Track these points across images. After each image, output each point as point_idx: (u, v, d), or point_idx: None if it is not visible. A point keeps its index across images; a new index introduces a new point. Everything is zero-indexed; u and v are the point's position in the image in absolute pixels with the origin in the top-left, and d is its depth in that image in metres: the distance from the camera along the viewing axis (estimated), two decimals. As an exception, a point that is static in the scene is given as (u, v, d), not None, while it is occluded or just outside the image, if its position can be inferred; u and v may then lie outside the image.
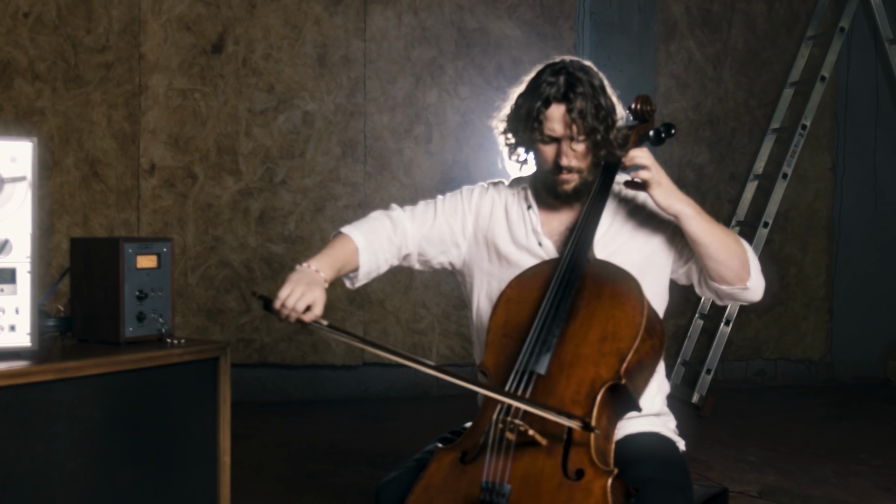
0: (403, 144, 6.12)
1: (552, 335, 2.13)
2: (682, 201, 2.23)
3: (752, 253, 2.28)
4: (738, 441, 5.15)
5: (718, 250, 2.22)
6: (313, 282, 2.19)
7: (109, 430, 2.59)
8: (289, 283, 2.18)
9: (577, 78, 2.26)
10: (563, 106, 2.24)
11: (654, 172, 2.22)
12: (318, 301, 2.17)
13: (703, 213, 2.24)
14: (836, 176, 6.71)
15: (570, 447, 2.03)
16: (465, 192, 2.51)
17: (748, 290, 2.28)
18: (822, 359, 6.80)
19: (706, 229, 2.22)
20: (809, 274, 6.74)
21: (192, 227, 5.87)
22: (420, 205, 2.50)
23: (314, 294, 2.16)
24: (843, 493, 4.26)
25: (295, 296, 2.15)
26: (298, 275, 2.21)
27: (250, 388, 6.00)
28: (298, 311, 2.14)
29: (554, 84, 2.25)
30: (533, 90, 2.30)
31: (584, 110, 2.23)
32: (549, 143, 2.28)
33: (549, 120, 2.25)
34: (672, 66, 6.45)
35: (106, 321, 2.77)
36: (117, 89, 5.71)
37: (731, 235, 2.26)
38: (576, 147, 2.27)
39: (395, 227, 2.40)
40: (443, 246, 2.45)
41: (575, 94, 2.23)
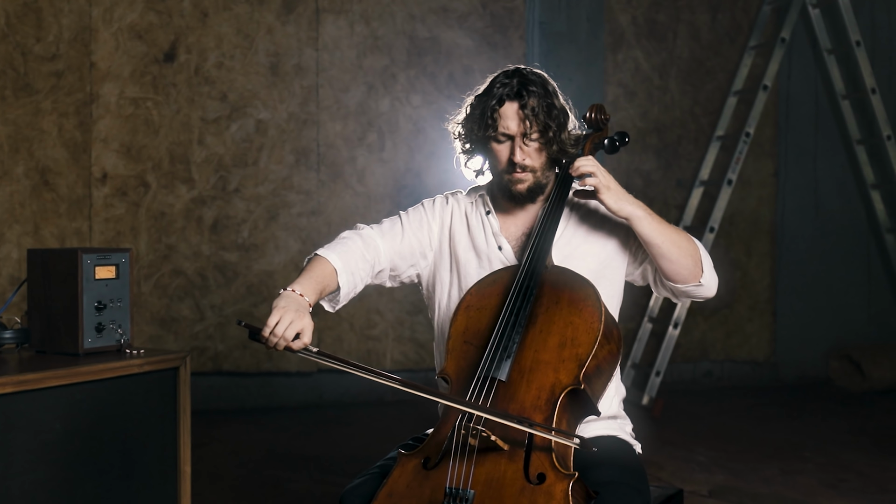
0: (356, 152, 6.16)
1: (512, 341, 2.19)
2: (632, 203, 2.30)
3: (704, 250, 2.35)
4: (687, 442, 5.27)
5: (671, 250, 2.29)
6: (301, 308, 2.18)
7: (69, 442, 2.60)
8: (276, 311, 2.15)
9: (529, 80, 2.34)
10: (515, 103, 2.31)
11: (601, 178, 2.28)
12: (307, 328, 2.15)
13: (653, 215, 2.30)
14: (779, 182, 6.88)
15: (531, 452, 2.09)
16: (427, 204, 2.56)
17: (702, 286, 2.35)
18: (766, 360, 6.95)
19: (657, 230, 2.29)
20: (754, 277, 6.90)
21: (145, 236, 5.86)
22: (385, 222, 2.53)
23: (303, 321, 2.14)
24: (789, 491, 4.38)
25: (283, 324, 2.12)
26: (284, 301, 2.19)
27: (205, 396, 5.99)
28: (287, 339, 2.13)
29: (507, 84, 2.33)
30: (487, 92, 2.37)
31: (537, 108, 2.30)
32: (503, 141, 2.35)
33: (502, 118, 2.33)
34: (619, 75, 6.56)
35: (64, 332, 2.78)
36: (68, 98, 5.68)
37: (682, 234, 2.33)
38: (529, 144, 2.33)
39: (367, 245, 2.43)
40: (413, 259, 2.49)
41: (528, 93, 2.31)
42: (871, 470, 4.73)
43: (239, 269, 5.99)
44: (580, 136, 2.45)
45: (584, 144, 2.46)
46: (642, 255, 2.40)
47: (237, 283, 5.98)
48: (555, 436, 2.08)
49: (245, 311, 5.97)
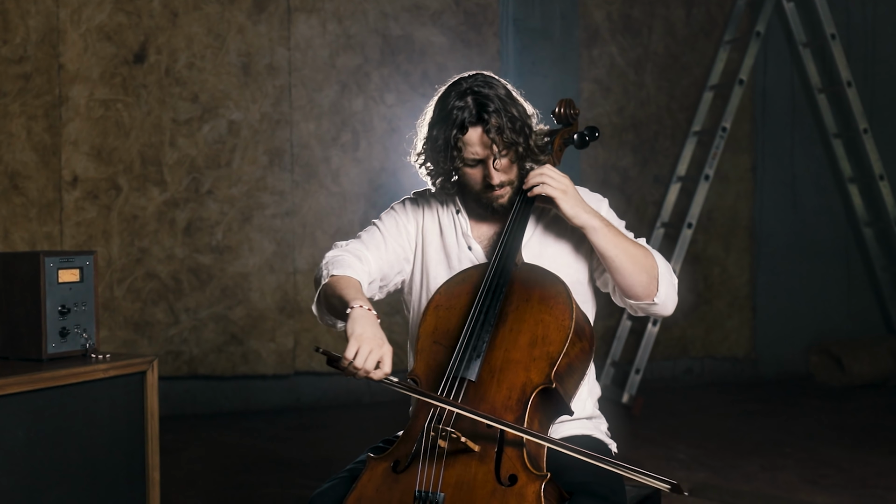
0: (330, 152, 6.10)
1: (482, 341, 2.14)
2: (587, 212, 2.23)
3: (665, 268, 2.28)
4: (667, 439, 5.23)
5: (624, 264, 2.23)
6: (378, 332, 2.10)
7: (32, 450, 2.54)
8: (354, 340, 2.04)
9: (484, 95, 2.23)
10: (479, 128, 2.22)
11: (555, 184, 2.22)
12: (387, 356, 2.05)
13: (610, 227, 2.24)
14: (756, 177, 6.86)
15: (502, 453, 2.04)
16: (398, 207, 2.48)
17: (656, 305, 2.28)
18: (746, 356, 6.94)
19: (612, 242, 2.22)
20: (732, 273, 6.88)
21: (118, 240, 5.78)
22: (363, 234, 2.44)
23: (382, 350, 2.05)
24: (770, 488, 4.35)
25: (363, 354, 2.02)
26: (360, 326, 2.08)
27: (180, 400, 5.92)
28: (369, 370, 2.03)
29: (464, 108, 2.22)
30: (444, 118, 2.25)
31: (501, 126, 2.21)
32: (474, 166, 2.28)
33: (468, 145, 2.24)
34: (595, 71, 6.53)
35: (27, 338, 2.72)
36: (36, 100, 5.59)
37: (640, 249, 2.26)
38: (501, 163, 2.26)
39: (360, 259, 2.34)
40: (399, 265, 2.42)
41: (488, 114, 2.21)
42: (851, 465, 4.71)
43: (213, 272, 5.91)
44: (548, 131, 2.40)
45: (554, 140, 2.41)
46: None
47: (211, 286, 5.91)
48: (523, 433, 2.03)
49: (219, 314, 5.90)
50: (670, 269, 2.31)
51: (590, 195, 2.41)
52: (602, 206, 2.39)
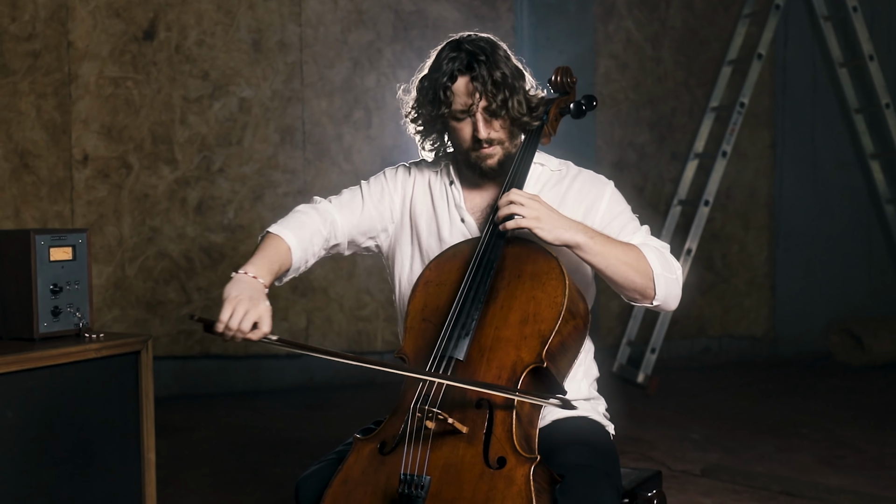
0: (343, 130, 6.04)
1: (471, 318, 2.07)
2: (569, 229, 2.10)
3: (661, 268, 2.17)
4: (682, 419, 5.16)
5: (617, 273, 2.13)
6: (256, 293, 2.01)
7: (22, 431, 2.50)
8: (229, 302, 1.97)
9: (478, 46, 2.19)
10: (467, 76, 2.17)
11: (528, 212, 2.08)
12: (265, 316, 1.98)
13: (596, 237, 2.12)
14: (776, 153, 6.74)
15: (491, 434, 1.97)
16: (389, 173, 2.43)
17: (657, 305, 2.21)
18: (765, 335, 6.84)
19: (602, 254, 2.11)
20: (751, 251, 6.77)
21: (129, 219, 5.75)
22: (345, 193, 2.39)
23: (259, 309, 1.97)
24: (784, 469, 4.27)
25: (238, 315, 1.95)
26: (237, 288, 2.02)
27: (193, 380, 5.91)
28: (245, 331, 1.96)
29: (456, 58, 2.18)
30: (436, 69, 2.22)
31: (490, 77, 2.15)
32: (462, 118, 2.21)
33: (456, 94, 2.18)
34: (611, 47, 6.42)
35: (19, 317, 2.68)
36: (46, 78, 5.56)
37: (632, 254, 2.15)
38: (490, 117, 2.19)
39: (324, 219, 2.29)
40: (372, 232, 2.37)
41: (478, 63, 2.16)
42: (868, 446, 4.62)
43: (225, 251, 5.88)
44: (545, 100, 2.32)
45: (550, 109, 2.33)
46: None
47: (223, 265, 5.87)
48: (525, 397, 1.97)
49: (232, 293, 5.85)
50: (669, 265, 2.20)
51: (593, 180, 2.32)
52: (606, 190, 2.29)
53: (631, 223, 2.26)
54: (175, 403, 5.62)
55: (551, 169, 2.33)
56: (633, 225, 2.26)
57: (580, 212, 2.26)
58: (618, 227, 2.24)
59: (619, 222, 2.25)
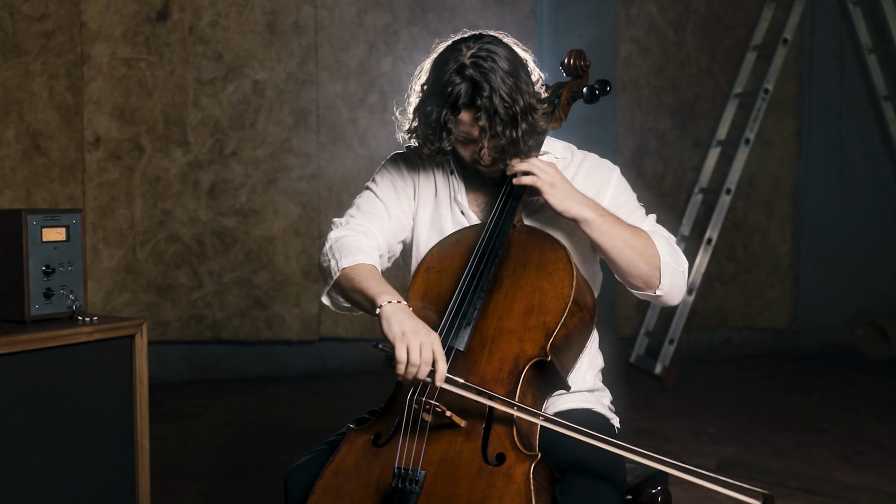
0: (358, 113, 5.94)
1: (473, 308, 1.97)
2: (579, 203, 2.02)
3: (669, 256, 2.07)
4: (699, 412, 5.04)
5: (622, 256, 2.03)
6: (417, 322, 1.91)
7: (12, 415, 2.42)
8: (400, 341, 1.87)
9: (483, 73, 2.00)
10: (471, 112, 2.01)
11: (542, 175, 2.01)
12: (437, 345, 1.87)
13: (606, 215, 2.03)
14: (801, 141, 6.58)
15: (490, 430, 1.88)
16: (391, 167, 2.28)
17: (660, 297, 2.09)
18: (788, 327, 6.70)
19: (608, 234, 2.02)
20: (774, 241, 6.63)
21: (140, 202, 5.68)
22: (361, 204, 2.24)
23: (431, 338, 1.87)
24: (802, 465, 4.15)
25: (415, 350, 1.86)
26: (398, 324, 1.90)
27: (204, 365, 5.84)
28: (428, 363, 1.86)
29: (459, 84, 2.00)
30: (439, 93, 2.03)
31: (493, 113, 1.99)
32: (466, 143, 2.08)
33: (460, 124, 2.03)
34: (633, 31, 6.28)
35: (10, 299, 2.60)
36: (58, 59, 5.49)
37: (640, 238, 2.05)
38: (492, 144, 2.04)
39: (367, 235, 2.17)
40: (403, 234, 2.24)
41: (481, 98, 1.99)
42: (891, 443, 4.49)
43: (237, 235, 5.80)
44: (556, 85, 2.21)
45: (561, 94, 2.22)
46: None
47: (235, 250, 5.80)
48: (516, 411, 1.87)
49: (243, 278, 5.79)
50: (677, 256, 2.10)
51: (599, 165, 2.21)
52: (612, 175, 2.19)
53: (638, 211, 2.16)
54: (185, 389, 5.56)
55: (556, 156, 2.22)
56: (640, 213, 2.16)
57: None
58: (625, 214, 2.13)
59: (626, 210, 2.14)
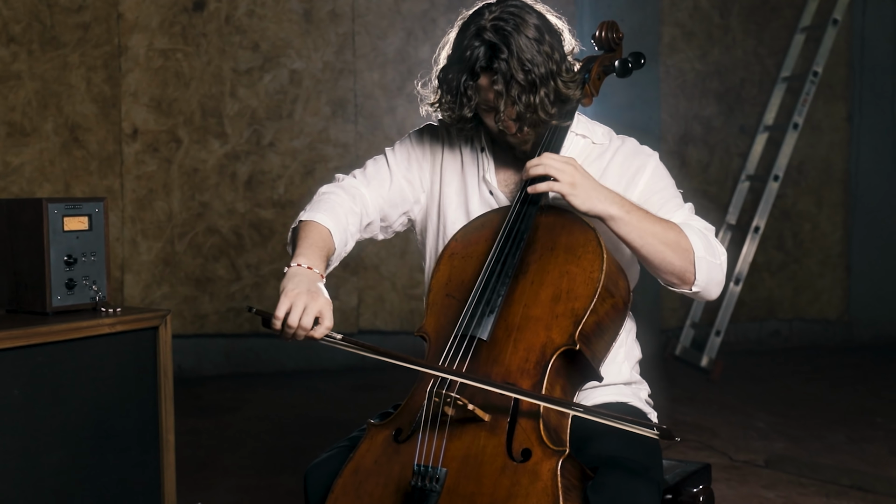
0: (396, 102, 5.86)
1: (497, 294, 1.86)
2: (604, 200, 1.89)
3: (703, 250, 1.95)
4: (747, 406, 4.89)
5: (653, 252, 1.91)
6: (313, 285, 1.85)
7: (32, 409, 2.36)
8: (286, 297, 1.81)
9: (503, 36, 1.92)
10: (489, 75, 1.93)
11: (559, 175, 1.89)
12: (326, 310, 1.82)
13: (633, 211, 1.91)
14: (852, 126, 6.39)
15: (516, 423, 1.77)
16: (415, 137, 2.24)
17: (696, 292, 1.98)
18: (839, 318, 6.51)
19: (638, 230, 1.90)
20: (825, 230, 6.44)
21: (178, 193, 5.65)
22: (369, 166, 2.20)
23: (318, 303, 1.81)
24: (855, 461, 3.99)
25: (297, 310, 1.79)
26: (293, 281, 1.85)
27: (244, 358, 5.80)
28: (306, 327, 1.80)
29: (478, 48, 1.92)
30: (458, 59, 1.97)
31: (510, 78, 1.90)
32: (489, 111, 1.99)
33: (480, 90, 1.95)
34: (677, 15, 6.13)
35: (32, 290, 2.54)
36: (96, 51, 5.47)
37: (672, 233, 1.93)
38: (510, 112, 1.96)
39: (353, 197, 2.11)
40: (405, 205, 2.17)
41: (499, 61, 1.90)
42: (949, 437, 4.32)
43: (275, 227, 5.74)
44: (587, 59, 2.10)
45: (592, 68, 2.11)
46: None
47: (273, 242, 5.74)
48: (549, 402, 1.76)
49: (282, 270, 5.70)
50: (712, 248, 1.98)
51: (636, 151, 2.10)
52: (650, 162, 2.07)
53: (673, 200, 2.03)
54: (223, 382, 5.52)
55: (594, 141, 2.11)
56: (676, 202, 2.03)
57: (621, 185, 2.03)
58: (658, 202, 2.01)
59: (659, 198, 2.02)
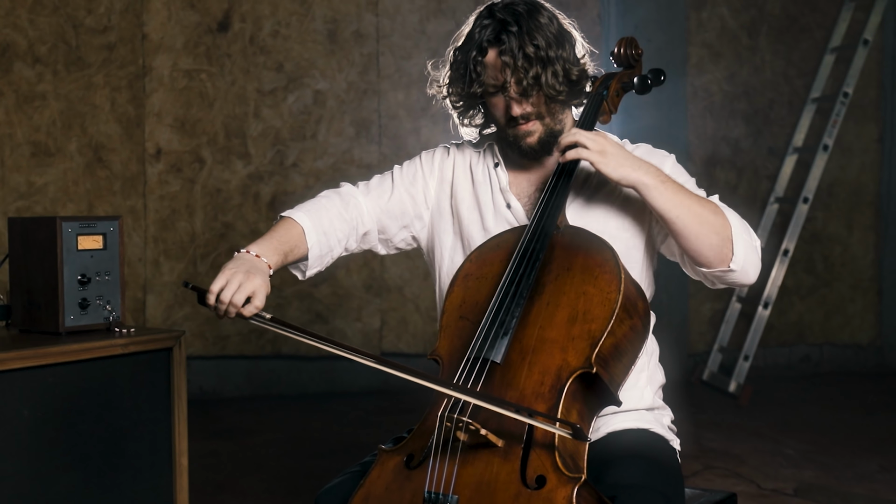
0: (420, 123, 5.82)
1: (512, 316, 1.81)
2: (637, 169, 1.87)
3: (739, 228, 1.90)
4: (776, 433, 4.79)
5: (689, 226, 1.86)
6: (254, 268, 1.88)
7: (41, 431, 2.33)
8: (224, 273, 1.86)
9: (512, 13, 1.95)
10: (496, 49, 1.94)
11: (590, 143, 1.88)
12: (259, 290, 1.85)
13: (668, 182, 1.88)
14: (884, 148, 6.29)
15: (530, 449, 1.71)
16: (425, 156, 2.22)
17: (733, 272, 1.89)
18: (871, 343, 6.38)
19: (671, 201, 1.86)
20: (856, 253, 6.33)
21: (201, 214, 5.64)
22: (374, 178, 2.20)
23: (254, 283, 1.84)
24: (888, 491, 3.89)
25: (232, 287, 1.82)
26: (235, 262, 1.90)
27: (265, 380, 5.76)
28: (237, 304, 1.83)
29: (487, 27, 1.95)
30: (468, 40, 2.00)
31: (516, 50, 1.91)
32: (496, 93, 1.98)
33: (488, 68, 1.96)
34: (704, 35, 6.06)
35: (45, 309, 2.51)
36: (120, 71, 5.48)
37: (708, 207, 1.89)
38: (515, 89, 1.95)
39: (346, 203, 2.10)
40: (405, 219, 2.15)
41: (508, 34, 1.92)
42: (985, 466, 4.20)
43: (298, 248, 5.71)
44: (605, 75, 2.06)
45: (610, 84, 2.06)
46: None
47: (296, 263, 5.71)
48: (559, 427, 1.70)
49: (304, 292, 5.70)
50: (748, 229, 1.93)
51: (652, 153, 2.07)
52: (666, 162, 2.04)
53: (699, 191, 1.98)
54: (245, 404, 5.48)
55: None
56: (702, 193, 1.98)
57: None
58: None
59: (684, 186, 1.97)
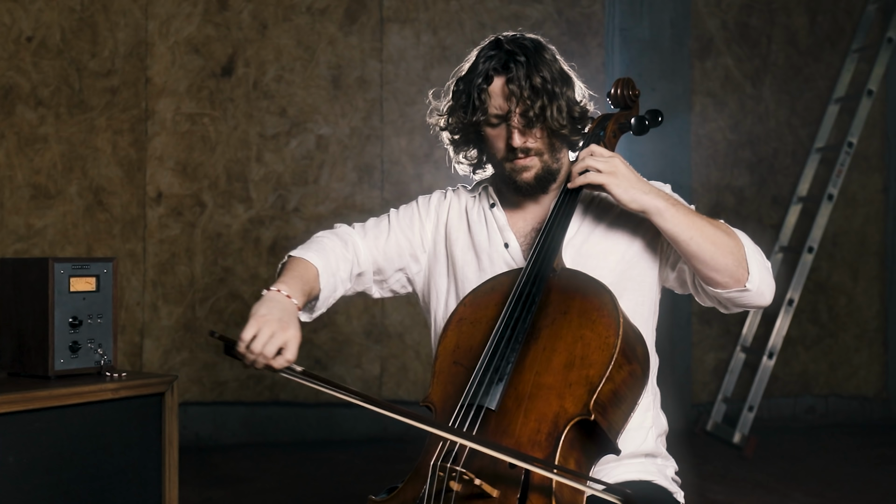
0: (423, 169, 5.81)
1: (507, 361, 1.76)
2: (648, 193, 1.85)
3: (752, 247, 1.88)
4: (781, 485, 4.71)
5: (703, 247, 1.83)
6: (286, 315, 1.79)
7: (27, 477, 2.27)
8: (255, 319, 1.76)
9: (519, 45, 1.97)
10: (503, 78, 1.93)
11: (603, 166, 1.86)
12: (292, 342, 1.76)
13: (679, 205, 1.86)
14: (888, 198, 6.25)
15: (526, 499, 1.66)
16: (422, 200, 2.20)
17: (749, 291, 1.86)
18: (877, 395, 6.30)
19: (683, 223, 1.83)
20: (861, 303, 6.27)
21: (201, 258, 5.60)
22: (370, 220, 2.19)
23: (286, 334, 1.76)
24: (895, 546, 3.81)
25: (263, 337, 1.73)
26: (266, 305, 1.80)
27: (263, 427, 5.68)
28: (268, 356, 1.74)
29: (493, 57, 1.96)
30: (472, 69, 2.00)
31: (523, 80, 1.91)
32: (497, 124, 1.96)
33: (492, 97, 1.94)
34: (708, 84, 6.06)
35: (34, 352, 2.47)
36: (123, 114, 5.48)
37: (719, 228, 1.87)
38: (520, 120, 1.94)
39: (346, 244, 2.08)
40: (401, 261, 2.12)
41: (517, 64, 1.92)
42: None
43: (298, 293, 5.66)
44: (602, 116, 2.03)
45: (607, 125, 2.03)
46: (675, 255, 1.94)
47: (297, 309, 5.66)
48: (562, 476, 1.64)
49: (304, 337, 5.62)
50: (759, 250, 1.91)
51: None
52: (665, 186, 2.02)
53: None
54: (241, 451, 5.40)
55: None
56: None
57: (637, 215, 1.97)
58: None
59: None
